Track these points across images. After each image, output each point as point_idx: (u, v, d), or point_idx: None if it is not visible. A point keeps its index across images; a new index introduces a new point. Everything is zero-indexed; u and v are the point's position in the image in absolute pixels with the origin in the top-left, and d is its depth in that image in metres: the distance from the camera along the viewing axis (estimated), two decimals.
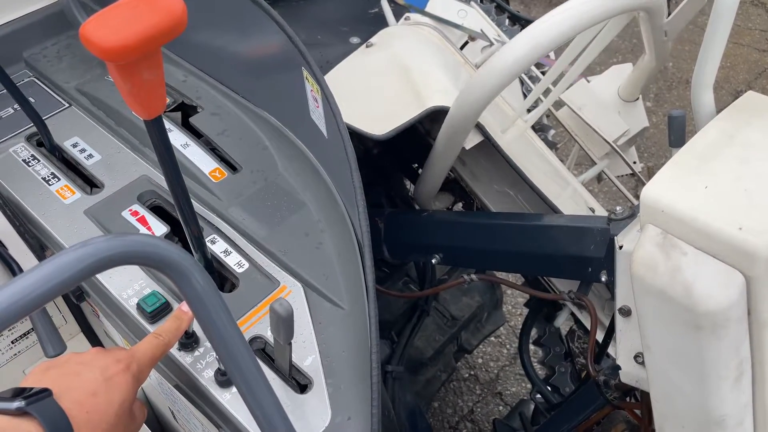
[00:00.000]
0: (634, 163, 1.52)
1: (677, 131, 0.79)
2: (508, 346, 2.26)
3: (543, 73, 1.51)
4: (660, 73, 3.31)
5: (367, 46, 1.31)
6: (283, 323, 0.68)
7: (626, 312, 0.82)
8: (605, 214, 1.17)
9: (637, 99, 1.48)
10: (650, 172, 0.79)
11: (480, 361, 2.23)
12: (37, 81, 1.22)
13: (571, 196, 1.16)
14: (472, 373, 2.20)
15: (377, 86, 1.18)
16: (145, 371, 0.70)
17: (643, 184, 1.43)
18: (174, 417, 1.03)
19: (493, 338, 2.26)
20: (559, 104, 1.47)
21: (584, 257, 0.95)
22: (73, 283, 0.50)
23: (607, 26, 1.11)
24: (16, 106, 1.15)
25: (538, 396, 1.34)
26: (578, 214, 1.09)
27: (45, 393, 0.58)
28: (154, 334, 0.74)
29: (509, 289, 2.33)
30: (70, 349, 1.12)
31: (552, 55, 1.75)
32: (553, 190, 1.14)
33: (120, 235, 0.54)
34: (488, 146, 1.13)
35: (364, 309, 0.79)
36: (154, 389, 1.01)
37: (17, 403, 0.55)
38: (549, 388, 1.34)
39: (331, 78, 1.23)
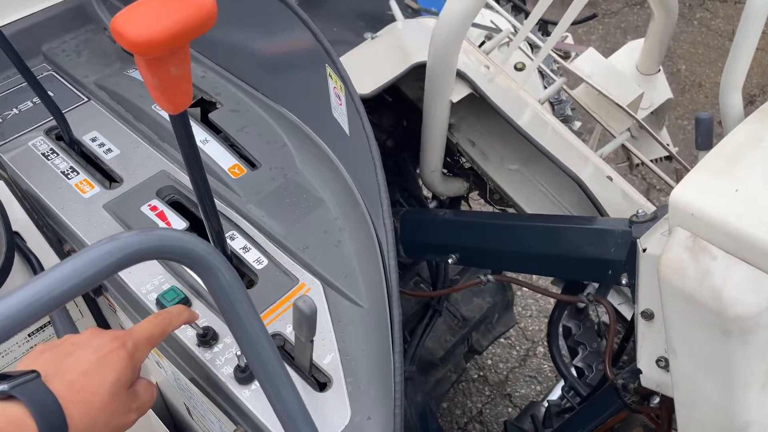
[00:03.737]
0: (668, 145, 1.44)
1: (704, 134, 0.79)
2: (517, 347, 2.25)
3: (562, 57, 1.47)
4: (672, 76, 3.29)
5: (372, 38, 1.31)
6: (306, 321, 0.67)
7: (649, 315, 0.81)
8: (622, 182, 1.13)
9: (658, 71, 1.43)
10: (679, 175, 0.78)
11: (490, 362, 2.22)
12: (55, 75, 1.22)
13: (591, 172, 1.11)
14: (482, 374, 2.19)
15: (371, 62, 1.17)
16: (142, 350, 0.68)
17: (683, 166, 1.37)
18: (189, 413, 1.03)
19: (503, 340, 2.25)
20: (574, 84, 1.42)
21: (604, 260, 0.94)
22: (103, 277, 0.50)
23: None
24: (35, 99, 1.15)
25: (568, 389, 1.30)
26: (598, 216, 1.08)
27: (31, 375, 0.57)
28: (155, 315, 0.73)
29: (520, 291, 2.33)
30: None
31: (569, 39, 1.72)
32: (571, 164, 1.09)
33: (148, 229, 0.54)
34: (498, 123, 1.10)
35: (383, 307, 0.79)
36: (170, 384, 1.00)
37: (1, 387, 0.55)
38: (582, 385, 1.28)
39: None
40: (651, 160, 1.41)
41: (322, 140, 1.01)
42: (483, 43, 1.58)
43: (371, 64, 1.15)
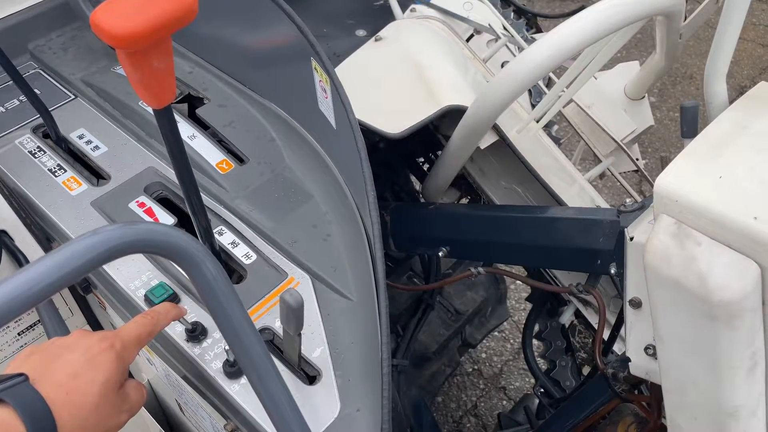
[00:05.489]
0: (637, 159, 1.52)
1: (690, 122, 0.79)
2: (511, 340, 2.26)
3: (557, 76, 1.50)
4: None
5: (376, 40, 1.31)
6: (293, 314, 0.67)
7: (637, 304, 0.81)
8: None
9: (643, 97, 1.47)
10: (663, 163, 0.79)
11: (484, 355, 2.23)
12: (42, 73, 1.21)
13: (577, 193, 1.17)
14: (476, 367, 2.20)
15: (388, 82, 1.17)
16: (131, 350, 0.68)
17: (647, 180, 1.43)
18: (181, 409, 1.03)
19: (497, 333, 2.25)
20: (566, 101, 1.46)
21: (593, 249, 0.95)
22: (85, 272, 0.50)
23: (619, 35, 1.09)
24: (21, 97, 1.14)
25: (541, 390, 1.34)
26: (587, 207, 1.08)
27: (19, 379, 0.57)
28: (143, 314, 0.73)
29: (513, 284, 2.33)
30: None
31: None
32: (561, 186, 1.14)
33: (131, 223, 0.54)
34: (499, 144, 1.13)
35: (372, 300, 0.79)
36: (161, 381, 1.00)
37: None
38: (553, 386, 1.34)
39: (341, 71, 1.22)
40: (622, 173, 1.46)
41: (309, 134, 1.01)
42: (471, 36, 1.58)
43: (390, 89, 1.15)
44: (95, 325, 1.14)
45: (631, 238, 0.80)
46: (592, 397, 1.03)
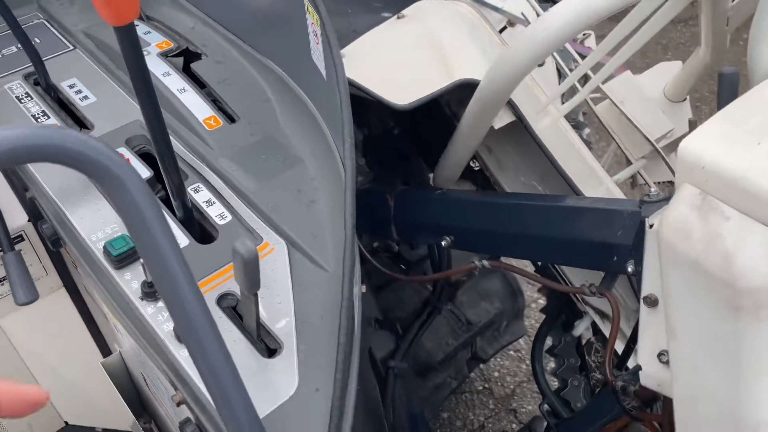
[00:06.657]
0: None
1: (728, 91, 0.68)
2: (527, 361, 2.12)
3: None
4: (712, 95, 3.15)
5: (398, 18, 1.24)
6: (247, 268, 0.59)
7: (652, 301, 0.70)
8: None
9: (685, 99, 1.36)
10: (692, 126, 0.69)
11: (496, 374, 2.10)
12: (46, 23, 1.17)
13: (603, 194, 1.06)
14: (487, 386, 2.07)
15: (404, 56, 1.10)
16: None
17: None
18: (146, 383, 0.95)
19: (512, 352, 2.13)
20: (597, 99, 1.35)
21: (610, 244, 0.84)
22: None
23: (659, 12, 0.99)
24: (19, 45, 1.10)
25: (548, 409, 1.22)
26: (606, 197, 0.97)
27: None
28: None
29: (534, 303, 2.20)
30: (48, 303, 1.05)
31: (593, 45, 1.64)
32: (585, 184, 1.04)
33: (37, 126, 0.45)
34: (518, 133, 1.04)
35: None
36: (131, 355, 0.93)
37: None
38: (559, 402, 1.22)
39: (358, 45, 1.16)
40: (657, 183, 1.34)
41: (303, 92, 0.93)
42: (504, 28, 1.49)
43: (405, 63, 1.08)
44: (71, 285, 1.08)
45: (651, 226, 0.69)
46: (600, 413, 0.91)
